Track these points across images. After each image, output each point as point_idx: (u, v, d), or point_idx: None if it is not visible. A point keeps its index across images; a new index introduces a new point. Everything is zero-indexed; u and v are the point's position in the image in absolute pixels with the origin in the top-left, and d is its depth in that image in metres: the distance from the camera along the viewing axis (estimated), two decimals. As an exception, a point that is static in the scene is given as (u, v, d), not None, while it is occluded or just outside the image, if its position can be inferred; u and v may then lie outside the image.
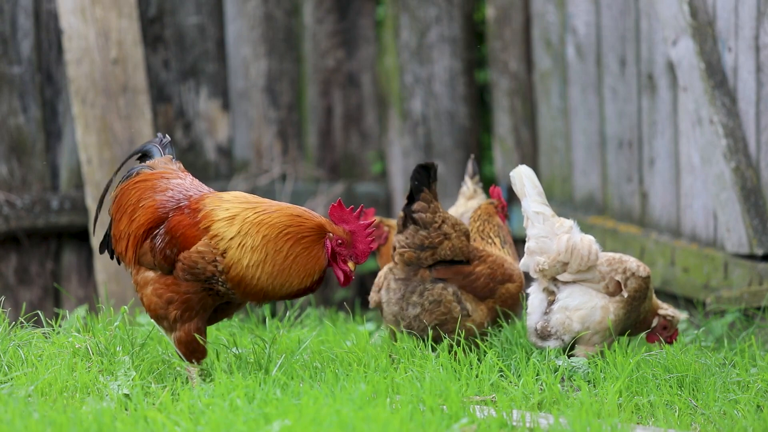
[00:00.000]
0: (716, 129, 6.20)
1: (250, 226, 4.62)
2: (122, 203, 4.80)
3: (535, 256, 5.17)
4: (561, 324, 5.12)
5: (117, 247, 4.79)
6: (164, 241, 4.66)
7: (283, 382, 4.59)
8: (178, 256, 4.63)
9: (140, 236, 4.72)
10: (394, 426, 4.00)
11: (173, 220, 4.68)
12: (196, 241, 4.62)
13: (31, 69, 7.25)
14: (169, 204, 4.73)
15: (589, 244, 5.15)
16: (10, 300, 7.21)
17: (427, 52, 7.84)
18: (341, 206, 4.67)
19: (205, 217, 4.64)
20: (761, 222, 6.14)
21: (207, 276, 4.62)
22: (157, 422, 4.11)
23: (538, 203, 5.16)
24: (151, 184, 4.79)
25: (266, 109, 7.71)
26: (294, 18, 7.81)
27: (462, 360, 4.86)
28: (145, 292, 4.70)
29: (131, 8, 7.30)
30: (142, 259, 4.71)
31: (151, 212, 4.73)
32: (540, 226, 5.16)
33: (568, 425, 4.16)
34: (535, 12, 7.55)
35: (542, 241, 5.15)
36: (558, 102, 7.46)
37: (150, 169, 4.84)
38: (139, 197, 4.77)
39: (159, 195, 4.75)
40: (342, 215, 4.66)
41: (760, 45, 6.04)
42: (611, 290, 5.15)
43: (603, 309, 5.13)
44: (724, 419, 4.43)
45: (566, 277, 5.14)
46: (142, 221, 4.73)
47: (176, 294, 4.66)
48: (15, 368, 4.76)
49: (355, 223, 4.66)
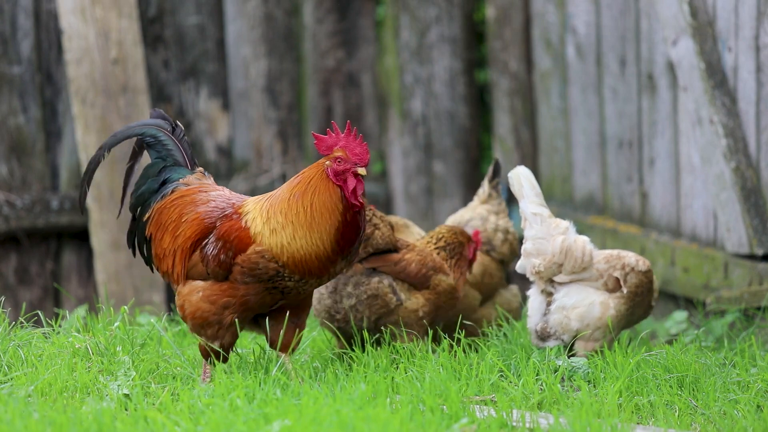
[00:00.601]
0: (716, 129, 6.20)
1: (268, 212, 4.62)
2: (162, 221, 4.77)
3: (531, 258, 5.17)
4: (559, 324, 5.12)
5: (161, 266, 4.76)
6: (217, 248, 4.64)
7: (283, 382, 4.59)
8: (235, 260, 4.62)
9: (188, 249, 4.70)
10: (394, 426, 4.00)
11: (223, 226, 4.67)
12: (249, 242, 4.62)
13: (31, 69, 7.25)
14: (215, 213, 4.71)
15: (583, 245, 5.15)
16: (10, 300, 7.21)
17: (427, 52, 7.84)
18: (319, 136, 4.66)
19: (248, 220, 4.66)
20: (761, 222, 6.14)
21: (270, 275, 4.61)
22: (157, 422, 4.11)
23: (535, 204, 5.16)
24: (190, 199, 4.77)
25: (266, 109, 7.71)
26: (294, 18, 7.81)
27: (462, 360, 4.86)
28: (191, 300, 4.67)
29: (131, 8, 7.30)
30: (192, 271, 4.69)
31: (197, 224, 4.71)
32: (537, 227, 5.16)
33: (568, 425, 4.16)
34: (535, 12, 7.56)
35: (539, 242, 5.15)
36: (558, 102, 7.46)
37: (185, 186, 4.81)
38: (180, 213, 4.75)
39: (201, 207, 4.74)
40: (325, 142, 4.66)
41: (760, 45, 6.04)
42: (611, 287, 5.15)
43: (602, 304, 5.13)
44: (724, 419, 4.43)
45: (562, 278, 5.14)
46: (188, 234, 4.71)
47: (233, 298, 4.64)
48: (15, 368, 4.76)
49: (339, 138, 4.64)
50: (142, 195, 4.85)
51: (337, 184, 4.61)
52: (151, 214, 4.80)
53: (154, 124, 4.90)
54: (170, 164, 4.86)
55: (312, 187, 4.62)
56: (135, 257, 4.90)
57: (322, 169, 4.63)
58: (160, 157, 4.87)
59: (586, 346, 5.12)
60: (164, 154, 4.87)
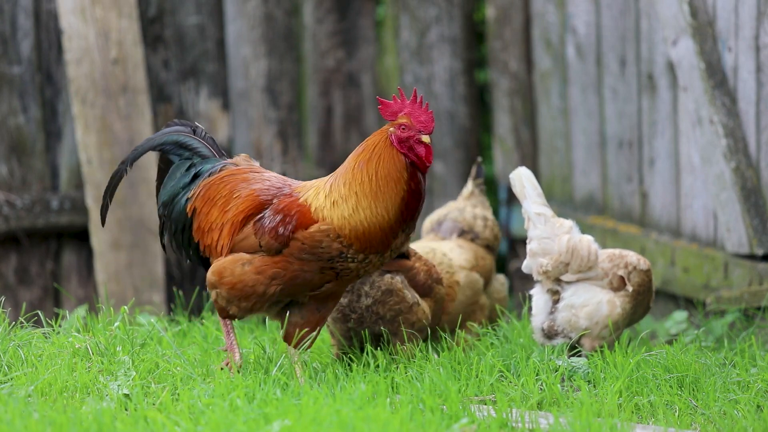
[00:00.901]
0: (716, 129, 6.20)
1: (331, 186, 4.61)
2: (210, 196, 4.76)
3: (537, 257, 5.18)
4: (567, 322, 5.13)
5: (204, 239, 4.76)
6: (275, 221, 4.62)
7: (283, 382, 4.59)
8: (295, 235, 4.59)
9: (239, 223, 4.69)
10: (394, 426, 4.00)
11: (283, 201, 4.66)
12: (312, 220, 4.60)
13: (31, 69, 7.25)
14: (271, 191, 4.71)
15: (588, 245, 5.16)
16: (10, 300, 7.21)
17: (427, 52, 7.84)
18: (384, 101, 4.63)
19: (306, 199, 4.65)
20: (761, 222, 6.14)
21: (332, 255, 4.59)
22: (157, 422, 4.11)
23: (538, 204, 5.17)
24: (242, 177, 4.78)
25: (266, 109, 7.71)
26: (294, 18, 7.81)
27: (462, 360, 4.86)
28: (233, 270, 4.65)
29: (131, 8, 7.30)
30: (240, 244, 4.67)
31: (251, 199, 4.70)
32: (542, 227, 5.17)
33: (568, 425, 4.16)
34: (535, 12, 7.55)
35: (544, 242, 5.16)
36: (558, 102, 7.46)
37: (234, 166, 4.83)
38: (232, 189, 4.75)
39: (256, 185, 4.74)
40: (390, 108, 4.63)
41: (760, 45, 6.04)
42: (615, 286, 5.16)
43: (609, 303, 5.14)
44: (724, 419, 4.43)
45: (569, 277, 5.14)
46: (242, 208, 4.70)
47: (284, 270, 4.61)
48: (15, 368, 4.76)
49: (404, 104, 4.62)
50: (173, 190, 4.84)
51: (401, 151, 4.57)
52: (195, 191, 4.80)
53: (173, 131, 4.93)
54: (197, 161, 4.88)
55: (377, 155, 4.59)
56: (166, 253, 4.90)
57: (386, 136, 4.60)
58: (184, 157, 4.88)
59: (592, 343, 5.13)
60: (188, 154, 4.89)
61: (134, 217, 7.32)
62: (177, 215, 4.84)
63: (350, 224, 4.57)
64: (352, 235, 4.57)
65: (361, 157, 4.60)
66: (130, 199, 7.31)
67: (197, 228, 4.79)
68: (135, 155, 4.90)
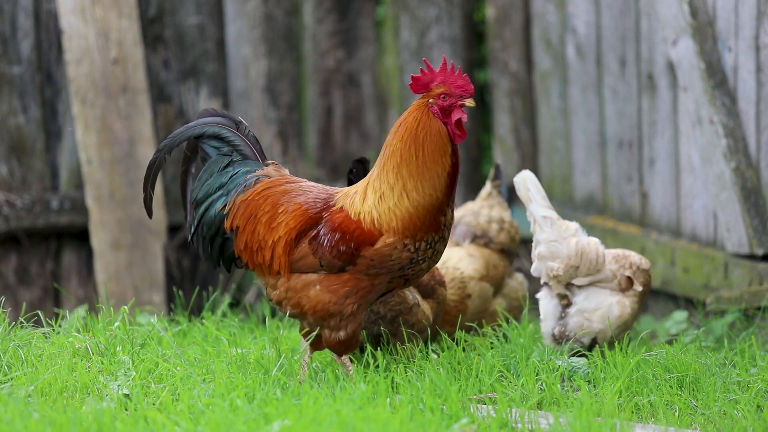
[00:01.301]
0: (716, 129, 6.20)
1: (378, 177, 4.52)
2: (252, 213, 4.63)
3: (546, 261, 5.16)
4: (580, 327, 5.13)
5: (254, 258, 4.63)
6: (334, 239, 4.52)
7: (283, 382, 4.59)
8: (360, 253, 4.51)
9: (293, 240, 4.57)
10: (394, 426, 4.00)
11: (336, 218, 4.55)
12: (374, 235, 4.51)
13: (31, 69, 7.25)
14: (318, 203, 4.60)
15: (596, 247, 5.16)
16: (10, 300, 7.21)
17: (427, 52, 7.84)
18: (415, 76, 4.51)
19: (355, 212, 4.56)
20: (761, 222, 6.14)
21: (403, 264, 4.52)
22: (157, 422, 4.11)
23: (544, 207, 5.15)
24: (282, 190, 4.65)
25: (266, 109, 7.71)
26: (294, 18, 7.81)
27: (461, 360, 4.86)
28: (308, 294, 4.57)
29: (131, 8, 7.30)
30: (299, 263, 4.57)
31: (300, 214, 4.59)
32: (549, 230, 5.16)
33: (568, 425, 4.16)
34: (535, 12, 7.55)
35: (553, 245, 5.15)
36: (558, 102, 7.46)
37: (267, 177, 4.68)
38: (274, 203, 4.62)
39: (300, 198, 4.62)
40: (420, 81, 4.51)
41: (760, 45, 6.04)
42: (624, 286, 5.17)
43: (619, 304, 5.15)
44: (724, 419, 4.43)
45: (581, 280, 5.14)
46: (292, 225, 4.58)
47: (355, 288, 4.53)
48: (15, 368, 4.76)
49: (435, 74, 4.50)
50: (208, 190, 4.71)
51: (444, 120, 4.46)
52: (231, 207, 4.66)
53: (215, 122, 4.75)
54: (237, 159, 4.72)
55: (422, 130, 4.47)
56: (200, 256, 4.77)
57: (426, 109, 4.48)
58: (223, 153, 4.73)
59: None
60: (228, 150, 4.73)
61: (134, 217, 7.32)
62: (209, 220, 4.70)
63: (397, 214, 4.48)
64: (400, 225, 4.47)
65: (404, 136, 4.48)
66: (130, 199, 7.31)
67: (244, 247, 4.64)
68: (172, 143, 4.72)
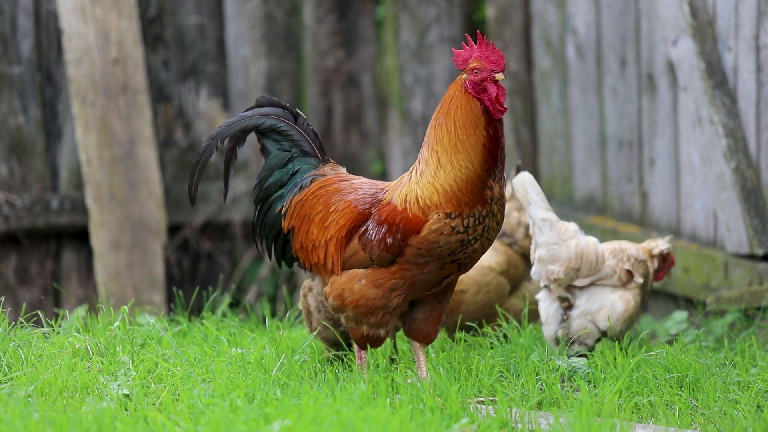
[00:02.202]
0: (716, 129, 6.20)
1: (418, 160, 4.53)
2: (305, 213, 4.64)
3: (546, 264, 5.15)
4: (584, 329, 5.12)
5: (309, 258, 4.63)
6: (381, 232, 4.51)
7: (283, 382, 4.59)
8: (408, 242, 4.48)
9: (343, 238, 4.57)
10: (394, 426, 4.00)
11: (383, 210, 4.54)
12: (419, 221, 4.49)
13: (31, 69, 7.25)
14: (366, 199, 4.59)
15: (595, 247, 5.16)
16: (10, 300, 7.21)
17: (427, 52, 7.84)
18: (456, 51, 4.53)
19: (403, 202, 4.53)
20: (761, 222, 6.14)
21: (453, 248, 4.48)
22: (157, 422, 4.11)
23: (543, 210, 5.13)
24: (334, 189, 4.64)
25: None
26: (294, 18, 7.81)
27: (461, 360, 4.86)
28: (352, 288, 4.55)
29: (131, 8, 7.30)
30: (350, 260, 4.56)
31: (349, 212, 4.59)
32: (548, 232, 5.15)
33: (568, 425, 4.16)
34: (535, 12, 7.55)
35: (552, 248, 5.14)
36: (558, 102, 7.46)
37: (322, 176, 4.68)
38: (326, 203, 4.62)
39: (350, 195, 4.61)
40: (461, 56, 4.53)
41: (760, 45, 6.04)
42: (624, 281, 5.18)
43: (622, 299, 5.16)
44: (724, 419, 4.43)
45: (582, 282, 5.13)
46: (342, 223, 4.58)
47: (402, 279, 4.50)
48: (15, 368, 4.76)
49: (473, 49, 4.51)
50: (269, 188, 4.69)
51: (477, 97, 4.47)
52: (287, 208, 4.66)
53: (272, 114, 4.72)
54: (297, 155, 4.71)
55: (454, 106, 4.49)
56: (258, 251, 4.75)
57: (461, 85, 4.50)
58: (283, 148, 4.70)
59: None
60: (287, 145, 4.71)
61: (134, 217, 7.32)
62: (271, 222, 4.70)
63: (437, 187, 4.47)
64: (443, 198, 4.44)
65: (440, 113, 4.50)
66: (130, 199, 7.31)
67: (300, 247, 4.64)
68: (226, 132, 4.70)
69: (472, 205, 4.46)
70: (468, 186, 4.46)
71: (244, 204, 7.69)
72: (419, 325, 4.65)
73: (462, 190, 4.46)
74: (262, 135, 4.71)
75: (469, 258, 4.53)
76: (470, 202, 4.46)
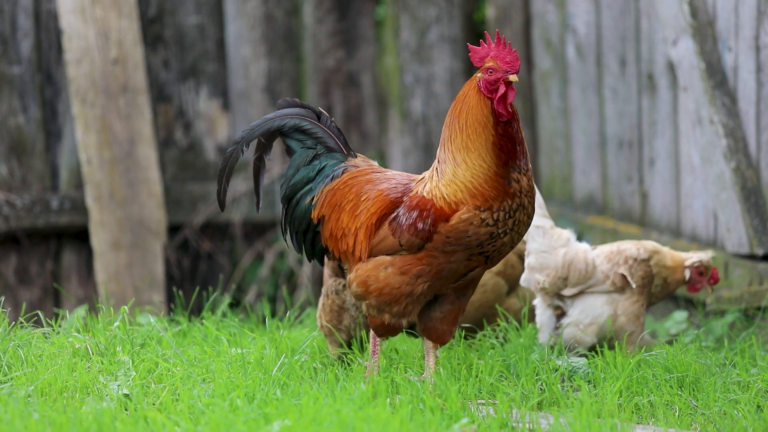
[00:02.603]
0: (716, 129, 6.20)
1: (436, 162, 4.53)
2: (337, 202, 4.63)
3: (535, 273, 5.14)
4: (573, 337, 5.12)
5: (338, 246, 4.62)
6: (411, 217, 4.49)
7: (283, 382, 4.59)
8: (437, 229, 4.47)
9: (373, 225, 4.56)
10: (394, 426, 4.00)
11: (414, 197, 4.53)
12: (450, 209, 4.47)
13: (31, 69, 7.25)
14: (399, 188, 4.59)
15: (585, 256, 5.13)
16: (10, 300, 7.21)
17: (427, 52, 7.84)
18: (473, 48, 4.52)
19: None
20: (761, 222, 6.14)
21: (481, 239, 4.47)
22: (157, 422, 4.11)
23: (538, 216, 5.09)
24: (366, 179, 4.65)
25: (266, 109, 7.71)
26: (294, 18, 7.81)
27: (461, 360, 4.86)
28: (377, 275, 4.54)
29: (131, 8, 7.30)
30: (378, 246, 4.55)
31: (381, 200, 4.58)
32: (540, 240, 5.13)
33: (568, 425, 4.15)
34: (535, 12, 7.55)
35: (542, 256, 5.12)
36: (558, 102, 7.46)
37: (354, 167, 4.68)
38: (358, 192, 4.62)
39: (382, 185, 4.62)
40: (478, 53, 4.52)
41: (761, 45, 6.04)
42: (619, 285, 5.15)
43: (613, 309, 5.12)
44: (724, 419, 4.43)
45: (569, 291, 5.12)
46: (373, 210, 4.58)
47: (428, 266, 4.48)
48: (15, 368, 4.76)
49: (490, 48, 4.50)
50: (296, 185, 4.70)
51: (488, 96, 4.46)
52: (318, 197, 4.66)
53: (295, 114, 4.73)
54: (322, 152, 4.71)
55: (466, 105, 4.49)
56: (287, 246, 4.74)
57: (475, 83, 4.50)
58: (307, 146, 4.71)
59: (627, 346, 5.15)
60: (311, 143, 4.71)
61: (134, 217, 7.32)
62: (300, 215, 4.70)
63: (458, 185, 4.47)
64: (467, 195, 4.43)
65: (453, 111, 4.51)
66: (130, 199, 7.31)
67: (329, 235, 4.64)
68: (251, 135, 4.71)
69: (499, 199, 4.45)
70: (487, 182, 4.46)
71: (244, 204, 7.69)
72: (435, 324, 4.64)
73: (483, 185, 4.46)
74: (286, 136, 4.73)
75: (498, 251, 4.51)
76: (495, 195, 4.45)
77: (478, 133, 4.47)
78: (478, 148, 4.47)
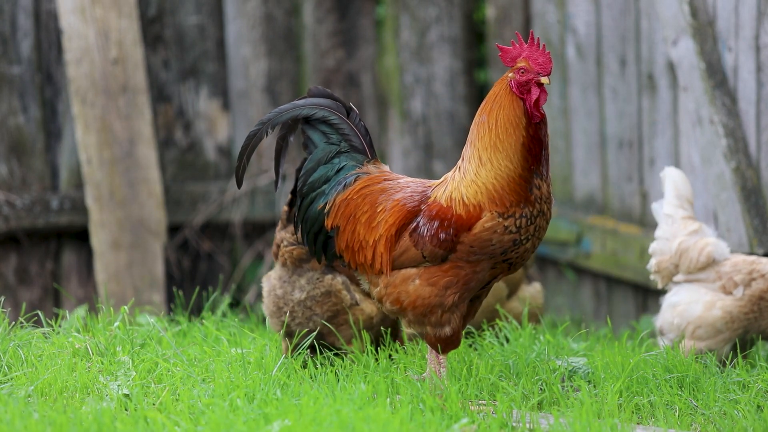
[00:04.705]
0: (716, 129, 6.20)
1: (462, 156, 4.50)
2: (351, 213, 4.56)
3: (656, 256, 5.35)
4: (667, 322, 5.23)
5: (356, 258, 4.55)
6: (433, 228, 4.44)
7: (283, 382, 4.59)
8: (460, 239, 4.42)
9: (393, 237, 4.49)
10: (394, 426, 4.00)
11: (433, 206, 4.48)
12: (471, 218, 4.43)
13: (31, 69, 7.25)
14: (415, 197, 4.53)
15: (702, 248, 5.24)
16: (10, 300, 7.21)
17: (427, 52, 7.84)
18: (504, 47, 4.48)
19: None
20: (761, 222, 6.14)
21: (505, 247, 4.43)
22: (157, 422, 4.11)
23: (671, 206, 5.33)
24: (380, 188, 4.58)
25: (266, 109, 7.71)
26: (294, 18, 7.81)
27: (461, 360, 4.86)
28: (407, 289, 4.48)
29: (131, 8, 7.30)
30: (401, 259, 4.49)
31: (398, 210, 4.52)
32: (665, 227, 5.34)
33: (568, 425, 4.15)
34: (535, 12, 7.55)
35: (662, 242, 5.34)
36: (558, 102, 7.46)
37: (366, 175, 4.60)
38: (373, 202, 4.55)
39: (397, 194, 4.55)
40: (509, 53, 4.48)
41: (760, 45, 6.04)
42: (729, 290, 5.22)
43: (705, 304, 5.18)
44: (724, 419, 4.43)
45: (679, 277, 5.29)
46: (391, 222, 4.51)
47: (455, 277, 4.43)
48: (15, 368, 4.76)
49: (522, 48, 4.46)
50: (314, 183, 4.62)
51: (521, 97, 4.42)
52: (331, 206, 4.59)
53: (325, 105, 4.63)
54: (345, 150, 4.63)
55: (497, 104, 4.44)
56: (297, 238, 4.66)
57: (506, 83, 4.45)
58: (331, 141, 4.62)
59: (693, 345, 5.15)
60: (336, 138, 4.63)
61: (134, 217, 7.32)
62: (313, 216, 4.62)
63: (480, 186, 4.43)
64: (486, 198, 4.40)
65: (483, 110, 4.46)
66: (130, 198, 7.31)
67: (345, 247, 4.56)
68: (277, 118, 4.61)
69: (518, 205, 4.42)
70: (510, 185, 4.42)
71: (244, 204, 7.69)
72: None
73: (504, 188, 4.43)
74: (311, 126, 4.64)
75: (521, 257, 4.48)
76: (515, 200, 4.42)
77: (509, 133, 4.43)
78: (506, 149, 4.43)
